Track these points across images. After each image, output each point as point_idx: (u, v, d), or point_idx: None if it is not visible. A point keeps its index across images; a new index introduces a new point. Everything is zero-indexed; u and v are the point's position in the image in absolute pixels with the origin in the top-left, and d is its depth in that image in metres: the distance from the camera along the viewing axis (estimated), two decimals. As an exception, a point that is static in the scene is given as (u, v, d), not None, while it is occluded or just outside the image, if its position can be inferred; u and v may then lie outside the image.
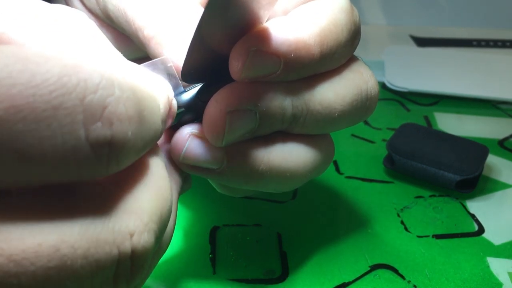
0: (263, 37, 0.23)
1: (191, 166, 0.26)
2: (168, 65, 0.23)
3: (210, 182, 0.29)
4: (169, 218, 0.21)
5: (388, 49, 0.60)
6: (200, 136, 0.25)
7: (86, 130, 0.16)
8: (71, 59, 0.16)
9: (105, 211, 0.18)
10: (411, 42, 0.63)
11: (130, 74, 0.19)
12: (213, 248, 0.35)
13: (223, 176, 0.26)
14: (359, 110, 0.28)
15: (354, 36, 0.27)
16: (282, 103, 0.25)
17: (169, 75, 0.23)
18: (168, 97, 0.22)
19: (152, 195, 0.20)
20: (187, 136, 0.25)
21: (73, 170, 0.16)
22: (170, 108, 0.22)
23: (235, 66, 0.23)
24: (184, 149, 0.25)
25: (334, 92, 0.26)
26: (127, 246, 0.18)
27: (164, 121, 0.21)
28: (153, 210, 0.19)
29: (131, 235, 0.18)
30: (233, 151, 0.25)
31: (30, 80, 0.15)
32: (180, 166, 0.26)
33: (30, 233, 0.16)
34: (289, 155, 0.26)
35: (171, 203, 0.21)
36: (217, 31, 0.22)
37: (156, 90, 0.21)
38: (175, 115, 0.23)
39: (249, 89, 0.24)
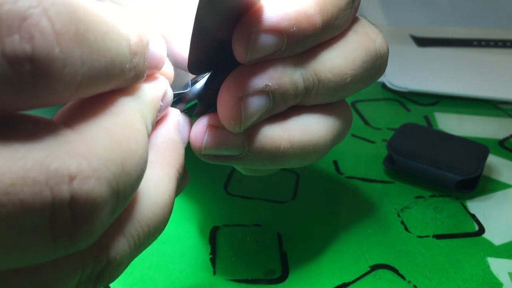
0: (262, 15, 0.23)
1: (213, 156, 0.26)
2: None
3: (234, 166, 0.29)
4: (141, 178, 0.19)
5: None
6: (217, 126, 0.25)
7: (1, 43, 0.14)
8: None
9: (41, 147, 0.16)
10: (411, 42, 0.63)
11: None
12: (213, 248, 0.34)
13: (246, 160, 0.26)
14: (370, 72, 0.27)
15: None
16: (292, 78, 0.25)
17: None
18: (142, 35, 0.19)
19: (112, 140, 0.17)
20: (204, 128, 0.25)
21: None
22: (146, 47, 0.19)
23: (239, 50, 0.23)
24: (204, 141, 0.25)
25: (343, 58, 0.26)
26: (63, 190, 0.15)
27: (135, 60, 0.18)
28: (110, 157, 0.17)
29: (71, 179, 0.16)
30: (252, 135, 0.25)
31: None
32: (202, 158, 0.26)
33: None
34: (308, 128, 0.26)
35: (144, 160, 0.19)
36: (215, 18, 0.22)
37: (123, 19, 0.18)
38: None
39: (257, 70, 0.24)
